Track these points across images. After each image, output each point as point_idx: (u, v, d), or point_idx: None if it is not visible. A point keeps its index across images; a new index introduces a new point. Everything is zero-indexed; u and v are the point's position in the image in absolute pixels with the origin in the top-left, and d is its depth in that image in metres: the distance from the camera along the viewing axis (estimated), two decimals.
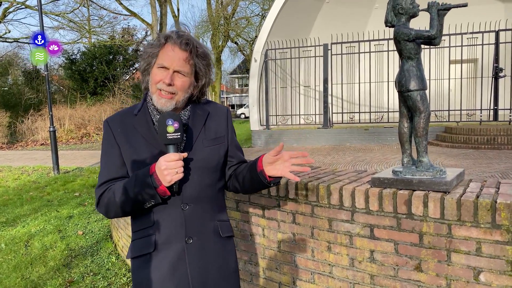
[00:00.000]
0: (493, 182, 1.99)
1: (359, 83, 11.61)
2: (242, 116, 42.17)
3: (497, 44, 10.63)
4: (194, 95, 1.58)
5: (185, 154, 1.45)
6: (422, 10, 1.97)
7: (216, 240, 1.57)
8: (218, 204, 1.63)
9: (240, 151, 1.72)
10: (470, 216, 1.71)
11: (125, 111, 1.61)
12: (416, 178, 1.91)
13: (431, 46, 1.95)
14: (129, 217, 1.62)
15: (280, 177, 1.52)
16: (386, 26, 2.04)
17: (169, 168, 1.39)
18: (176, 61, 1.46)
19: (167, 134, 1.41)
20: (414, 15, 1.97)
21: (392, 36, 2.04)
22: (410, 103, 1.97)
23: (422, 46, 1.99)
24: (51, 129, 10.00)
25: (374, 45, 11.29)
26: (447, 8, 1.89)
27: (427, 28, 1.92)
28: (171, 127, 1.40)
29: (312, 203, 2.17)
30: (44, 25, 10.24)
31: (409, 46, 1.94)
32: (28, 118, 19.50)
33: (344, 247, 2.09)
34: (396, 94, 2.09)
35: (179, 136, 1.42)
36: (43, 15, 10.48)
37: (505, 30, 10.53)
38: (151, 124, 1.54)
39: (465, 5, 1.88)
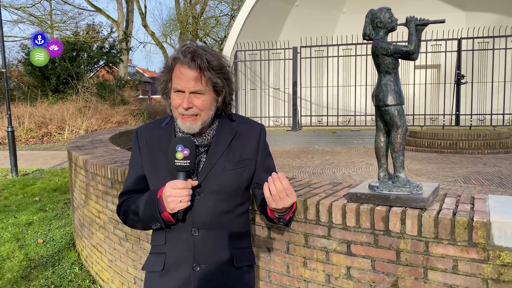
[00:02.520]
0: (467, 197, 2.00)
1: (327, 86, 11.73)
2: None
3: (459, 51, 11.02)
4: (219, 109, 1.48)
5: (195, 182, 1.38)
6: (400, 24, 1.95)
7: (228, 270, 1.48)
8: (237, 231, 1.52)
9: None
10: (447, 234, 1.71)
11: (155, 122, 1.58)
12: (393, 194, 1.90)
13: (408, 61, 1.93)
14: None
15: (291, 212, 1.44)
16: (364, 39, 2.01)
17: (172, 195, 1.32)
18: (189, 82, 1.36)
19: (175, 161, 1.33)
20: (392, 29, 1.95)
21: (359, 41, 2.02)
22: (388, 118, 1.96)
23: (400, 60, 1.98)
24: (9, 129, 9.49)
25: (342, 49, 11.44)
26: (425, 24, 1.89)
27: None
28: (180, 153, 1.33)
29: None
30: (2, 18, 9.72)
31: (387, 60, 1.92)
32: None
33: (320, 263, 2.05)
34: (363, 98, 2.08)
35: (187, 164, 1.34)
36: (0, 8, 9.96)
37: (467, 38, 10.93)
38: None
39: (442, 21, 1.88)
